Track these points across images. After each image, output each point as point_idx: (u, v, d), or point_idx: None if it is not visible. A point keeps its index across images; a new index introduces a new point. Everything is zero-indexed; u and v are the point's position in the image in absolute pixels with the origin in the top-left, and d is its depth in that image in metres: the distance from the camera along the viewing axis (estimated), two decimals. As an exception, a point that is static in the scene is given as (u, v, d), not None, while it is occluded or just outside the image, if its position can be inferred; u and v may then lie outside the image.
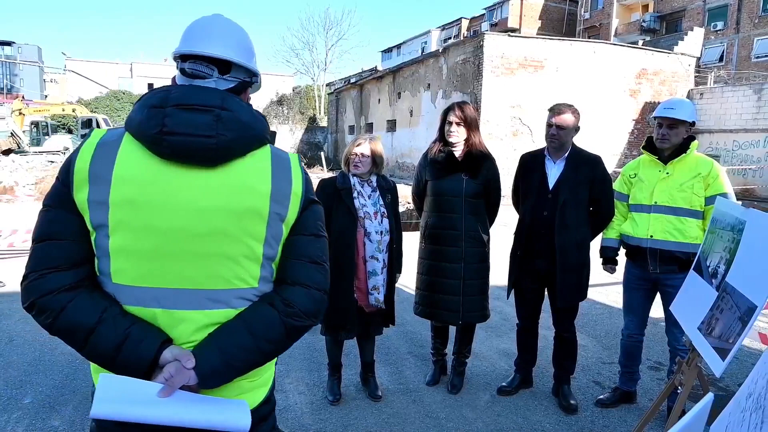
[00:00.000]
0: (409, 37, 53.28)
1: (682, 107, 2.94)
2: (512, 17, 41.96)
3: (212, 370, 1.15)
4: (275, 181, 1.23)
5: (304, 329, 1.27)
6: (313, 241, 1.30)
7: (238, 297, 1.22)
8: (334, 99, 33.62)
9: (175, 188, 1.15)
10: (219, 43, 1.28)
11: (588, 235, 3.20)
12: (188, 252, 1.16)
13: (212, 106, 1.17)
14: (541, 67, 17.79)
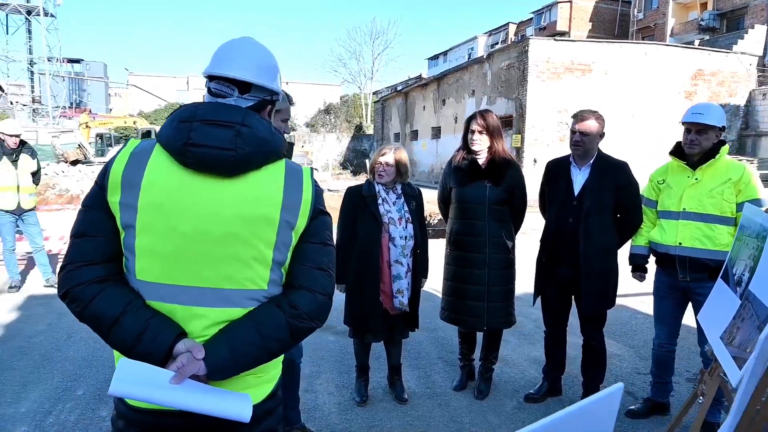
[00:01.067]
0: (456, 44, 53.12)
1: (710, 112, 2.88)
2: (561, 20, 41.16)
3: (220, 363, 1.26)
4: (287, 192, 1.34)
5: (308, 330, 1.37)
6: (321, 249, 1.40)
7: (248, 298, 1.33)
8: (379, 107, 33.97)
9: (197, 195, 1.28)
10: (240, 65, 1.40)
11: (614, 241, 3.17)
12: (205, 254, 1.28)
13: (234, 123, 1.30)
14: (588, 70, 17.41)
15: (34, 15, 40.46)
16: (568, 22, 41.02)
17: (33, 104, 42.53)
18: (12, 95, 41.64)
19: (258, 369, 1.37)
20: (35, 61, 42.15)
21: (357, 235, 3.20)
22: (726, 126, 2.93)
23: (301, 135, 34.57)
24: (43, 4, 40.27)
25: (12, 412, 3.20)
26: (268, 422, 1.43)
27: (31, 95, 43.40)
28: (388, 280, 3.17)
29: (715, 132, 2.88)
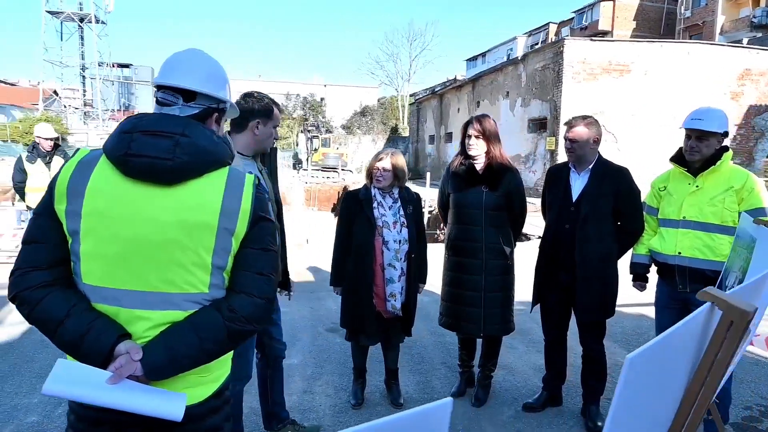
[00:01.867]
0: (495, 45, 52.48)
1: (711, 117, 2.76)
2: (603, 19, 40.09)
3: (157, 364, 1.31)
4: (226, 199, 1.38)
5: (246, 333, 1.42)
6: (261, 254, 1.44)
7: (188, 300, 1.38)
8: (415, 109, 33.94)
9: (138, 203, 1.34)
10: (185, 74, 1.47)
11: (613, 249, 3.08)
12: (146, 259, 1.34)
13: (173, 133, 1.36)
14: (627, 71, 16.90)
15: (86, 22, 42.42)
16: (610, 21, 39.92)
17: (84, 107, 44.56)
18: (65, 99, 43.76)
19: (201, 369, 1.41)
20: (87, 66, 44.16)
21: (352, 238, 3.23)
22: (728, 131, 2.80)
23: (336, 137, 34.92)
24: (95, 11, 42.18)
25: (26, 402, 3.37)
26: (212, 420, 1.47)
27: (83, 99, 45.47)
28: (381, 283, 3.18)
29: (717, 138, 2.76)
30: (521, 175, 3.45)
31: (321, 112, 41.72)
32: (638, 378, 0.83)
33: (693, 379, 1.09)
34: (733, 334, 1.03)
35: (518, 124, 19.79)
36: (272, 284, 1.45)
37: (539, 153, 18.48)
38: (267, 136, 2.50)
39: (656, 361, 0.89)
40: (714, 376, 1.06)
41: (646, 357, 0.83)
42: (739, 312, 1.02)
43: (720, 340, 1.04)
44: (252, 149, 2.52)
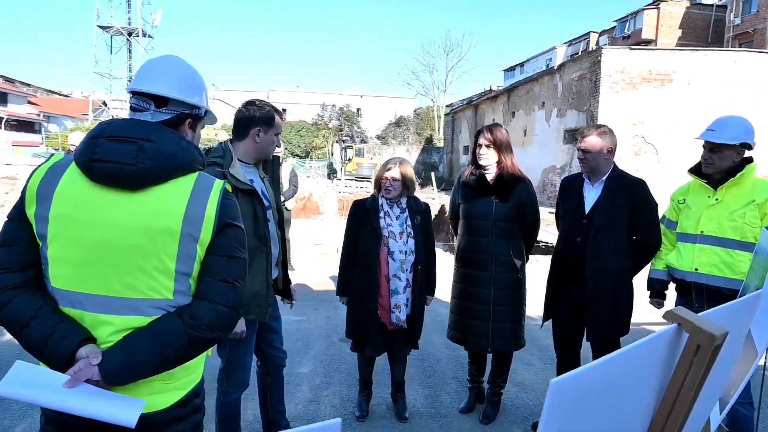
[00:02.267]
0: (533, 55, 51.84)
1: (724, 128, 2.60)
2: (647, 28, 39.04)
3: (115, 369, 1.30)
4: (190, 206, 1.37)
5: (208, 341, 1.40)
6: (226, 261, 1.42)
7: (152, 306, 1.37)
8: (450, 119, 33.81)
9: (103, 208, 1.34)
10: (157, 80, 1.48)
11: (628, 264, 2.94)
12: (110, 264, 1.34)
13: (138, 138, 1.36)
14: (668, 80, 16.37)
15: (134, 36, 44.28)
16: (654, 29, 38.84)
17: (131, 117, 46.35)
18: (113, 109, 45.61)
19: (165, 375, 1.40)
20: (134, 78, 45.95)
21: (358, 248, 3.20)
22: (751, 143, 2.63)
23: (371, 147, 35.10)
24: (142, 26, 43.99)
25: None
26: (177, 428, 1.46)
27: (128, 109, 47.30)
28: (386, 294, 3.13)
29: (734, 150, 2.60)
30: (556, 186, 3.34)
31: (356, 122, 42.06)
32: (570, 402, 0.76)
33: (660, 405, 1.00)
34: (701, 359, 0.94)
35: (554, 134, 19.42)
36: (237, 292, 1.43)
37: (575, 164, 18.03)
38: (268, 143, 2.51)
39: (599, 385, 0.81)
40: (682, 403, 0.97)
41: (578, 380, 0.76)
42: (706, 336, 0.93)
43: (686, 364, 0.96)
44: (253, 156, 2.53)
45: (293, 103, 52.06)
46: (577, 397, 0.76)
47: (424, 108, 50.13)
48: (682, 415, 0.97)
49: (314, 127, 40.83)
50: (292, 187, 7.60)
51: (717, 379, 1.16)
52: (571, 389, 0.74)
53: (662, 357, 0.95)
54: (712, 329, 0.92)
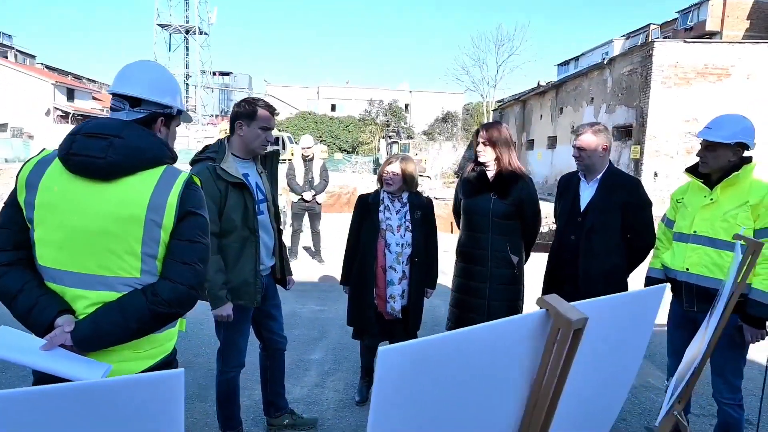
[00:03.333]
0: (589, 49, 50.18)
1: (721, 127, 2.56)
2: (712, 19, 37.05)
3: (83, 336, 1.50)
4: (155, 195, 1.56)
5: (169, 316, 1.58)
6: (187, 245, 1.60)
7: (122, 283, 1.56)
8: (497, 115, 33.33)
9: (79, 196, 1.54)
10: (131, 83, 1.67)
11: (621, 263, 2.94)
12: (85, 245, 1.54)
13: (109, 134, 1.56)
14: (726, 75, 15.55)
15: (191, 34, 46.08)
16: (720, 21, 36.81)
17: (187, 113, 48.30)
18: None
19: (134, 345, 1.59)
20: (190, 74, 47.91)
21: (359, 240, 3.34)
22: (748, 143, 2.58)
23: (417, 143, 35.10)
24: (199, 24, 45.73)
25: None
26: None
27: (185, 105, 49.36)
28: (383, 284, 3.26)
29: (730, 150, 2.56)
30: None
31: (403, 118, 42.14)
32: (406, 372, 0.87)
33: (533, 389, 1.08)
34: (562, 342, 1.02)
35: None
36: (196, 273, 1.60)
37: (623, 162, 17.46)
38: (254, 137, 2.65)
39: (441, 357, 0.91)
40: (548, 384, 1.05)
41: (409, 350, 0.86)
42: (564, 320, 1.00)
43: (550, 347, 1.03)
44: (243, 151, 2.69)
45: (342, 98, 52.67)
46: (415, 367, 0.86)
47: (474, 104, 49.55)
48: (548, 396, 1.05)
49: (361, 122, 41.18)
50: (322, 181, 7.83)
51: (599, 365, 1.22)
52: (402, 358, 0.84)
53: (529, 340, 1.04)
54: (571, 315, 1.00)
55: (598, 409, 1.32)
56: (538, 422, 1.09)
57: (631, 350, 1.32)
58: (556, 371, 1.04)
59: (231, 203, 2.55)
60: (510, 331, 1.02)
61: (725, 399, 2.61)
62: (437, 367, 0.91)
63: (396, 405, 0.88)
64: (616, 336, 1.23)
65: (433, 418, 0.96)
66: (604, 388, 1.29)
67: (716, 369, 2.65)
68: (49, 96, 39.91)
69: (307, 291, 6.36)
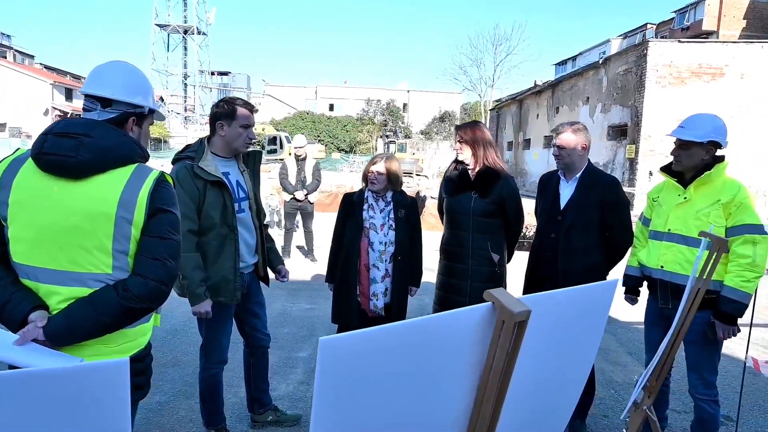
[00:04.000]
0: (586, 48, 50.22)
1: (694, 126, 2.60)
2: (708, 19, 37.09)
3: (56, 331, 1.54)
4: (125, 193, 1.59)
5: (140, 311, 1.61)
6: (157, 241, 1.63)
7: (93, 279, 1.59)
8: (494, 115, 33.37)
9: (51, 194, 1.57)
10: (101, 84, 1.70)
11: (600, 262, 2.97)
12: (56, 242, 1.57)
13: (79, 134, 1.59)
14: (720, 74, 15.62)
15: (190, 34, 46.07)
16: (716, 20, 36.86)
17: (185, 112, 48.32)
18: (169, 104, 47.67)
19: (107, 340, 1.62)
20: (189, 74, 47.93)
21: (343, 238, 3.38)
22: (721, 142, 2.62)
23: (415, 142, 35.13)
24: (197, 24, 45.74)
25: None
26: None
27: (184, 104, 49.34)
28: (366, 282, 3.29)
29: (703, 149, 2.60)
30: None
31: (400, 117, 42.15)
32: (347, 363, 0.90)
33: (481, 380, 1.12)
34: (505, 334, 1.05)
35: (597, 130, 18.89)
36: (167, 268, 1.63)
37: (618, 161, 17.53)
38: (235, 135, 2.67)
39: (384, 348, 0.95)
40: (495, 377, 1.09)
41: (351, 341, 0.90)
42: (508, 313, 1.04)
43: (496, 339, 1.07)
44: (225, 150, 2.72)
45: (341, 98, 52.71)
46: (357, 358, 0.90)
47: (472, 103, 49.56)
48: (495, 389, 1.09)
49: (359, 122, 41.19)
50: (314, 181, 7.86)
51: (549, 359, 1.25)
52: (343, 349, 0.88)
53: (476, 333, 1.07)
54: (513, 307, 1.03)
55: (551, 404, 1.35)
56: (487, 414, 1.13)
57: (584, 345, 1.36)
58: (501, 363, 1.08)
59: (209, 201, 2.58)
60: (457, 323, 1.06)
61: (700, 395, 2.64)
62: (380, 358, 0.94)
63: (339, 397, 0.91)
64: (567, 330, 1.27)
65: (378, 408, 0.99)
66: (557, 382, 1.32)
67: (691, 365, 2.69)
68: (48, 96, 39.92)
69: (298, 289, 6.40)
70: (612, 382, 4.06)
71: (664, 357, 2.03)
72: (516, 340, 1.07)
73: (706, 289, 2.03)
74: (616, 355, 4.62)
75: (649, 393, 2.07)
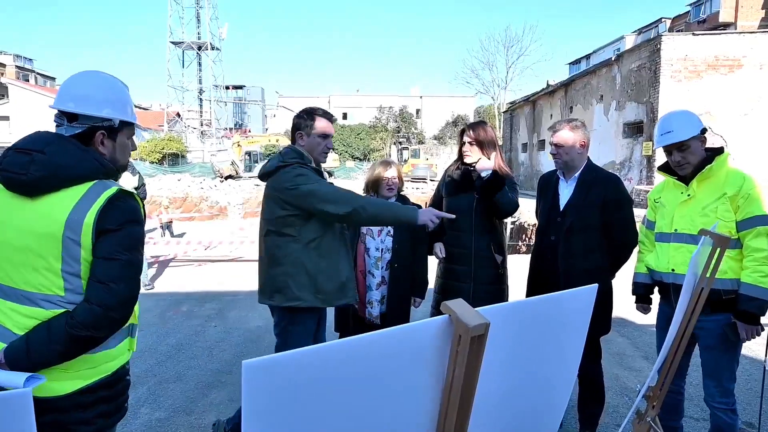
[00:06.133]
0: (600, 46, 49.65)
1: (680, 125, 2.48)
2: (725, 11, 36.39)
3: (13, 355, 1.49)
4: (73, 213, 1.51)
5: (86, 339, 1.52)
6: (102, 263, 1.53)
7: (44, 300, 1.53)
8: (508, 117, 33.11)
9: (7, 211, 1.54)
10: (65, 98, 1.63)
11: (603, 263, 2.85)
12: (9, 259, 1.54)
13: (32, 150, 1.53)
14: (738, 66, 15.21)
15: (204, 50, 46.78)
16: (733, 11, 36.14)
17: (201, 127, 48.97)
18: (186, 120, 48.37)
19: (66, 366, 1.55)
20: (204, 89, 48.61)
21: None
22: (704, 127, 2.51)
23: (428, 148, 35.03)
24: (211, 39, 46.41)
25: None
26: (78, 415, 1.60)
27: (200, 119, 50.01)
28: (363, 289, 3.22)
29: (699, 140, 2.49)
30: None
31: (413, 123, 42.11)
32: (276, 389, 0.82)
33: (442, 394, 1.03)
34: (463, 348, 0.97)
35: (612, 128, 18.58)
36: (111, 293, 1.52)
37: (635, 159, 17.18)
38: (314, 145, 2.72)
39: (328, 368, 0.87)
40: (456, 390, 1.00)
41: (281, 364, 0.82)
42: (464, 327, 0.95)
43: (454, 354, 0.98)
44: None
45: (353, 106, 52.90)
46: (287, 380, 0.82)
47: (486, 106, 49.27)
48: (456, 405, 1.00)
49: (372, 129, 41.26)
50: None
51: (524, 369, 1.16)
52: (267, 372, 0.80)
53: (435, 347, 0.99)
54: (469, 321, 0.95)
55: (528, 416, 1.25)
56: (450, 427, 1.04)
57: (562, 354, 1.26)
58: (460, 379, 0.99)
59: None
60: (413, 337, 0.98)
61: (718, 404, 2.48)
62: (316, 379, 0.86)
63: (270, 423, 0.84)
64: (540, 340, 1.17)
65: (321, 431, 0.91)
66: (533, 394, 1.23)
67: (708, 372, 2.53)
68: (67, 116, 40.71)
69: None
70: (626, 388, 3.89)
71: (667, 364, 1.91)
72: (474, 354, 0.98)
73: (709, 289, 1.90)
74: (631, 360, 4.45)
75: (652, 403, 1.94)
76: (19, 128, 39.62)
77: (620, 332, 5.05)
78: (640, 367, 4.31)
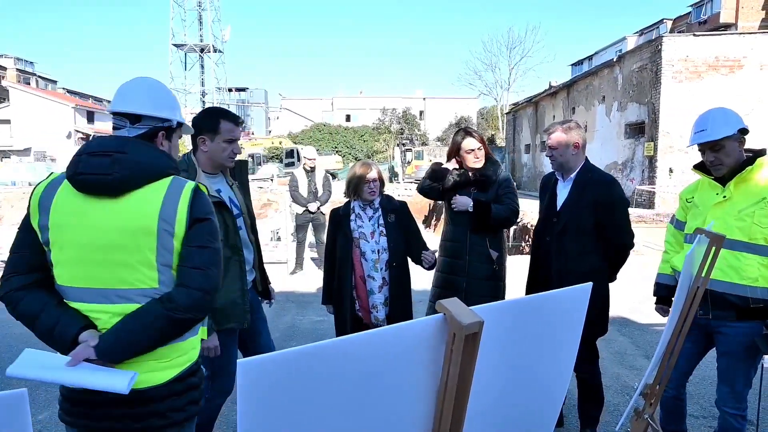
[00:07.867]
0: (602, 47, 49.65)
1: (715, 123, 2.39)
2: (726, 11, 36.37)
3: (106, 348, 1.53)
4: (164, 206, 1.59)
5: (187, 321, 1.60)
6: (197, 251, 1.62)
7: (140, 295, 1.59)
8: (510, 118, 33.14)
9: (88, 214, 1.58)
10: (128, 101, 1.71)
11: (599, 265, 2.86)
12: (99, 261, 1.58)
13: (111, 151, 1.60)
14: (738, 66, 15.22)
15: (206, 52, 46.93)
16: (734, 12, 36.11)
17: (204, 130, 49.11)
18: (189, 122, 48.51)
19: (158, 355, 1.62)
20: (206, 91, 48.76)
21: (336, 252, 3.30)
22: (746, 127, 2.42)
23: (431, 149, 35.03)
24: (213, 42, 46.57)
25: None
26: (173, 402, 1.66)
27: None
28: (365, 295, 3.20)
29: (736, 140, 2.40)
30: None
31: (416, 125, 42.18)
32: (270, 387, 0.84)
33: (438, 393, 1.06)
34: (457, 346, 1.00)
35: (614, 129, 18.59)
36: (209, 277, 1.61)
37: (637, 160, 17.18)
38: (218, 151, 2.53)
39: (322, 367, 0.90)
40: (451, 389, 1.03)
41: (276, 362, 0.85)
42: (458, 325, 0.98)
43: (449, 352, 1.01)
44: (210, 166, 2.58)
45: (357, 108, 52.98)
46: (282, 378, 0.85)
47: (488, 107, 49.33)
48: (452, 403, 1.03)
49: (375, 131, 41.32)
50: (326, 192, 7.86)
51: (518, 368, 1.18)
52: (263, 371, 0.83)
53: (430, 346, 1.02)
54: (463, 319, 0.98)
55: (524, 415, 1.28)
56: (447, 430, 1.07)
57: (558, 353, 1.29)
58: (455, 377, 1.02)
59: None
60: (408, 336, 1.00)
61: (729, 409, 2.47)
62: (311, 377, 0.88)
63: (266, 422, 0.86)
64: (535, 338, 1.20)
65: (316, 430, 0.93)
66: (529, 392, 1.25)
67: (723, 378, 2.49)
68: (70, 119, 41.01)
69: (308, 302, 6.37)
70: (627, 387, 3.91)
71: (664, 361, 1.93)
72: (468, 353, 1.01)
73: (704, 288, 1.93)
74: (632, 359, 4.47)
75: (650, 400, 1.97)
76: (20, 131, 39.90)
77: (621, 331, 5.07)
78: (640, 366, 4.32)
